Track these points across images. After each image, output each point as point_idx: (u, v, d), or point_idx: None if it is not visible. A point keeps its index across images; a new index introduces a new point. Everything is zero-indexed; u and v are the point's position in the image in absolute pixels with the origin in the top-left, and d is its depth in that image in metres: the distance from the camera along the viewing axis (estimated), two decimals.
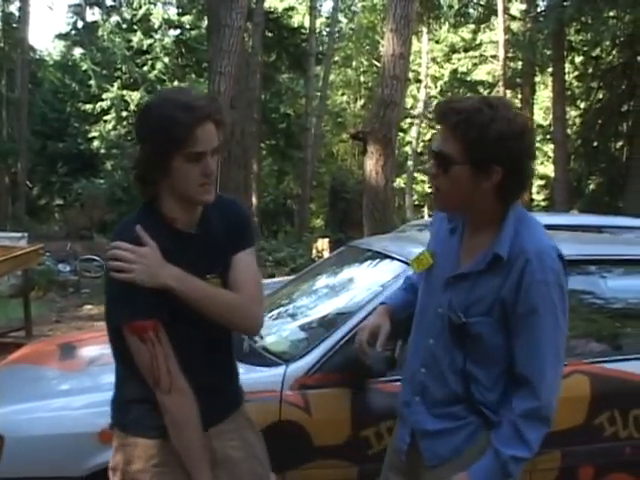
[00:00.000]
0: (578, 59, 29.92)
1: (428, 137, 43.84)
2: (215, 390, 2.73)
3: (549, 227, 2.84)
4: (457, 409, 2.69)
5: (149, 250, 2.53)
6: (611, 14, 24.55)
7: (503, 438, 2.55)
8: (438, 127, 2.60)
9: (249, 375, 3.68)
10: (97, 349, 4.95)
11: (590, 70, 28.63)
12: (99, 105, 37.34)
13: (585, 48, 28.59)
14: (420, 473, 2.80)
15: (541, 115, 40.47)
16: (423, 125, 42.55)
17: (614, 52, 27.30)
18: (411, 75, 36.47)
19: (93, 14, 42.78)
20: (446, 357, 2.69)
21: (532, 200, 32.51)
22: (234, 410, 2.85)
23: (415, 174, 43.24)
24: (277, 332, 4.57)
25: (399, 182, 38.50)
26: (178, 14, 40.03)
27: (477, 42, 39.51)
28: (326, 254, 19.81)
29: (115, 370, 2.80)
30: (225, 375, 2.86)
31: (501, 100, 2.60)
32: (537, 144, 33.58)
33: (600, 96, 27.88)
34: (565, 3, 24.74)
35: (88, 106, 37.23)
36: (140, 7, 39.41)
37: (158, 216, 2.63)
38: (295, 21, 38.88)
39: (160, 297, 2.51)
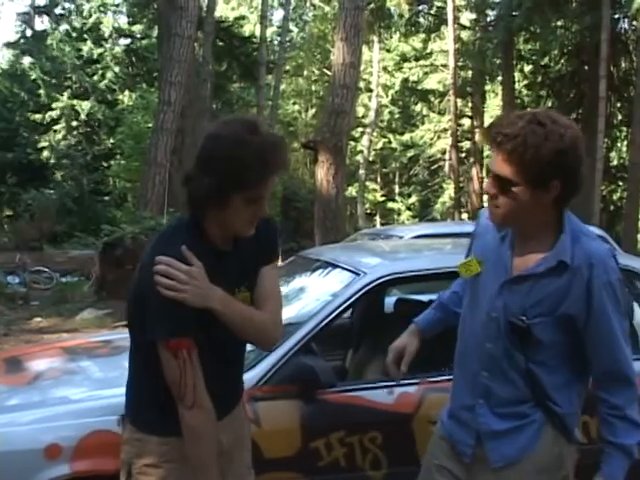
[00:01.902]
0: (527, 68, 30.25)
1: (380, 146, 44.09)
2: (225, 391, 2.81)
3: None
4: (524, 408, 2.77)
5: (199, 272, 2.56)
6: (559, 24, 24.87)
7: (621, 432, 2.71)
8: (492, 149, 2.66)
9: None
10: (44, 363, 4.90)
11: (539, 79, 28.93)
12: (49, 115, 36.99)
13: (534, 57, 28.91)
14: (483, 477, 2.85)
15: None
16: (375, 134, 42.68)
17: (562, 61, 27.64)
18: (362, 84, 36.65)
19: (42, 22, 42.45)
20: (507, 359, 2.76)
21: (483, 207, 32.73)
22: (237, 404, 2.94)
23: (367, 183, 43.34)
24: None
25: (351, 191, 38.53)
26: (129, 23, 39.81)
27: (428, 51, 39.70)
28: (278, 263, 19.78)
29: (129, 366, 2.85)
30: (237, 384, 2.97)
31: (549, 115, 2.62)
32: (487, 152, 33.89)
33: (549, 104, 28.12)
34: (514, 13, 24.98)
35: (37, 116, 36.87)
36: (90, 16, 39.19)
37: (200, 235, 2.67)
38: (246, 30, 38.79)
39: (200, 317, 2.55)
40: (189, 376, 2.54)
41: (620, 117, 27.15)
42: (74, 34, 39.97)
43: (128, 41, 39.64)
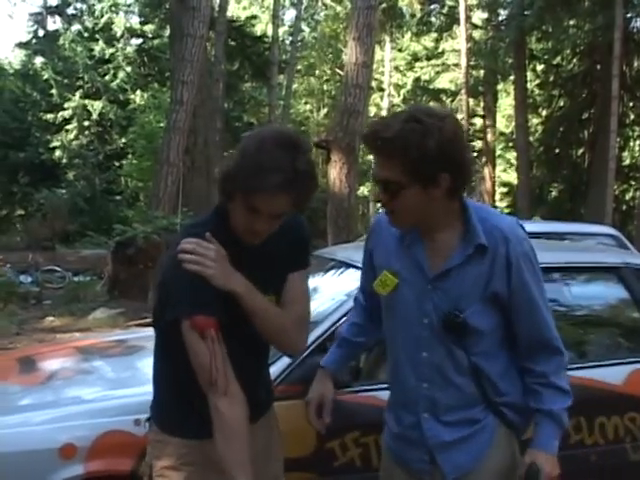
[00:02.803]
0: (539, 67, 30.19)
1: None
2: (255, 393, 2.74)
3: None
4: (473, 412, 2.74)
5: (224, 255, 2.55)
6: (571, 23, 24.82)
7: (549, 399, 2.72)
8: (373, 155, 2.63)
9: None
10: (57, 362, 4.90)
11: (551, 78, 28.88)
12: (61, 114, 37.07)
13: (546, 56, 28.85)
14: None
15: (503, 123, 40.72)
16: None
17: (574, 60, 27.59)
18: (374, 83, 36.55)
19: (54, 23, 42.72)
20: (448, 362, 2.71)
21: (495, 207, 32.69)
22: (268, 410, 2.94)
23: None
24: None
25: (363, 190, 38.52)
26: (140, 23, 39.89)
27: (439, 50, 39.66)
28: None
29: (154, 367, 2.83)
30: (264, 378, 2.96)
31: (424, 110, 2.58)
32: (499, 152, 33.86)
33: (561, 104, 28.13)
34: (526, 12, 24.94)
35: (49, 115, 36.96)
36: (102, 16, 39.26)
37: (227, 226, 2.64)
38: (258, 30, 38.86)
39: (224, 300, 2.52)
40: (219, 359, 2.47)
41: (633, 116, 27.10)
42: (86, 34, 40.05)
43: (140, 41, 39.71)
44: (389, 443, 2.98)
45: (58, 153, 37.03)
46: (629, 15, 24.47)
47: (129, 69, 38.45)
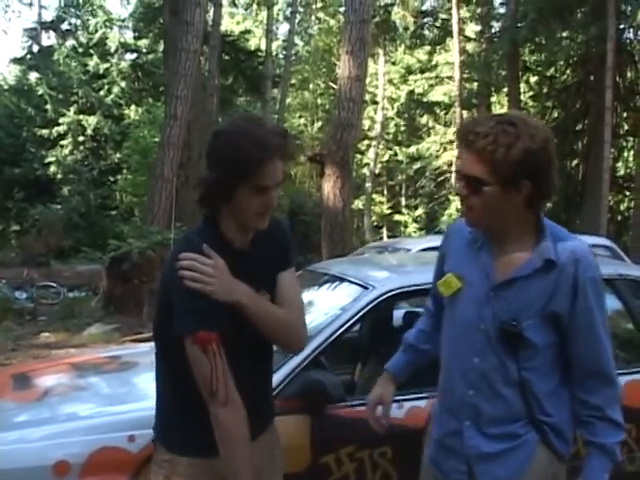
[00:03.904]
0: (533, 79, 30.26)
1: (386, 158, 44.06)
2: (258, 406, 2.76)
3: None
4: (515, 427, 2.71)
5: (224, 266, 2.59)
6: (564, 35, 24.87)
7: (602, 433, 2.68)
8: (461, 150, 2.67)
9: None
10: (52, 379, 4.89)
11: (545, 90, 28.92)
12: (55, 130, 37.05)
13: (539, 68, 28.90)
14: None
15: None
16: (381, 146, 42.69)
17: (568, 72, 27.63)
18: (368, 97, 36.62)
19: (49, 38, 42.64)
20: (497, 371, 2.71)
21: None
22: (270, 424, 2.94)
23: (373, 195, 43.32)
24: None
25: (357, 203, 38.52)
26: (134, 38, 39.95)
27: (433, 63, 39.77)
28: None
29: (157, 386, 2.84)
30: (266, 392, 2.98)
31: (519, 116, 2.64)
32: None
33: (555, 115, 28.14)
34: (519, 24, 25.01)
35: (44, 131, 36.93)
36: (96, 31, 39.34)
37: (218, 234, 2.69)
38: (252, 44, 38.92)
39: (225, 312, 2.56)
40: (220, 371, 2.52)
41: (626, 127, 27.11)
42: (80, 49, 40.10)
43: (134, 56, 39.75)
44: (430, 453, 2.98)
45: (53, 168, 36.97)
46: (622, 26, 24.53)
47: (123, 84, 38.47)
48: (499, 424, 2.72)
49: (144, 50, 38.83)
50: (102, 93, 38.23)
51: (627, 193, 27.66)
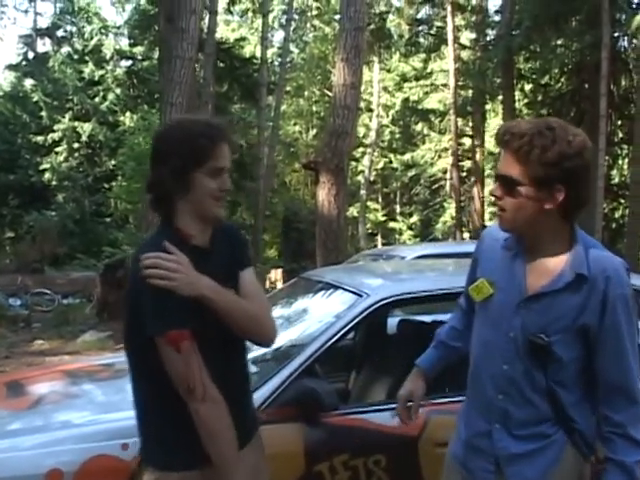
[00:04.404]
0: (527, 87, 30.24)
1: (381, 166, 44.11)
2: (238, 409, 2.74)
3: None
4: (544, 427, 2.74)
5: (186, 261, 2.58)
6: (559, 42, 24.89)
7: (622, 450, 2.65)
8: (501, 151, 2.72)
9: None
10: (45, 387, 4.88)
11: (539, 97, 28.92)
12: (50, 137, 37.06)
13: (534, 76, 28.90)
14: None
15: (492, 142, 40.74)
16: (376, 154, 42.73)
17: (562, 80, 27.65)
18: (363, 104, 36.64)
19: (44, 45, 42.71)
20: (526, 380, 2.73)
21: (484, 227, 32.73)
22: (255, 432, 2.93)
23: (368, 203, 43.34)
24: None
25: (352, 211, 38.53)
26: (130, 45, 39.98)
27: (428, 71, 39.76)
28: (280, 285, 19.77)
29: (137, 401, 2.81)
30: (245, 394, 2.94)
31: (559, 122, 2.67)
32: (488, 171, 33.93)
33: None
34: (514, 32, 25.05)
35: (39, 138, 36.94)
36: (91, 38, 39.37)
37: (176, 233, 2.69)
38: (247, 51, 38.88)
39: (193, 307, 2.55)
40: (195, 367, 2.52)
41: (621, 135, 27.12)
42: (76, 56, 40.14)
43: (129, 63, 39.80)
44: (455, 451, 2.99)
45: (48, 175, 36.96)
46: (616, 34, 24.58)
47: (118, 91, 38.49)
48: (527, 426, 2.75)
49: (139, 57, 38.86)
50: (97, 100, 38.25)
51: (622, 201, 27.63)
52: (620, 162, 29.35)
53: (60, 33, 42.02)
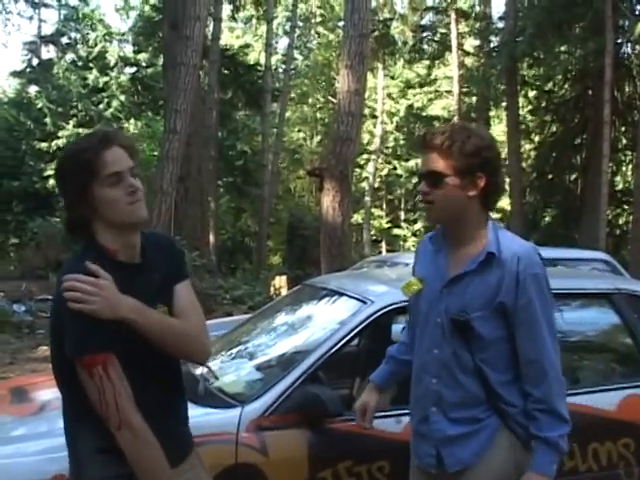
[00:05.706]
0: (531, 93, 30.25)
1: (385, 172, 44.10)
2: (173, 432, 2.70)
3: None
4: (477, 411, 2.93)
5: (107, 282, 2.51)
6: (562, 49, 24.90)
7: (546, 426, 2.85)
8: (422, 154, 3.03)
9: (205, 417, 3.65)
10: (50, 393, 4.87)
11: (543, 104, 28.94)
12: (55, 143, 36.99)
13: (538, 82, 28.93)
14: None
15: None
16: (380, 160, 42.75)
17: (566, 86, 27.67)
18: (367, 111, 36.69)
19: (48, 52, 42.67)
20: (454, 360, 2.93)
21: None
22: (190, 451, 2.85)
23: (372, 209, 43.34)
24: (233, 372, 4.52)
25: (356, 218, 38.56)
26: (134, 52, 39.99)
27: (432, 78, 39.87)
28: (284, 291, 19.71)
29: (65, 421, 2.79)
30: (180, 416, 2.85)
31: (464, 123, 3.24)
32: None
33: (554, 129, 28.18)
34: (517, 39, 25.05)
35: (43, 144, 36.89)
36: (96, 45, 39.37)
37: (100, 251, 2.62)
38: (251, 58, 38.98)
39: (115, 330, 2.49)
40: (109, 394, 2.47)
41: (625, 141, 27.13)
42: (80, 63, 40.13)
43: (133, 70, 39.76)
44: (411, 442, 3.21)
45: (52, 182, 36.89)
46: (619, 41, 24.60)
47: (123, 98, 38.47)
48: (461, 409, 2.93)
49: (143, 64, 38.86)
50: (101, 107, 38.22)
51: (626, 207, 27.65)
52: (624, 169, 29.38)
53: (64, 40, 42.01)
